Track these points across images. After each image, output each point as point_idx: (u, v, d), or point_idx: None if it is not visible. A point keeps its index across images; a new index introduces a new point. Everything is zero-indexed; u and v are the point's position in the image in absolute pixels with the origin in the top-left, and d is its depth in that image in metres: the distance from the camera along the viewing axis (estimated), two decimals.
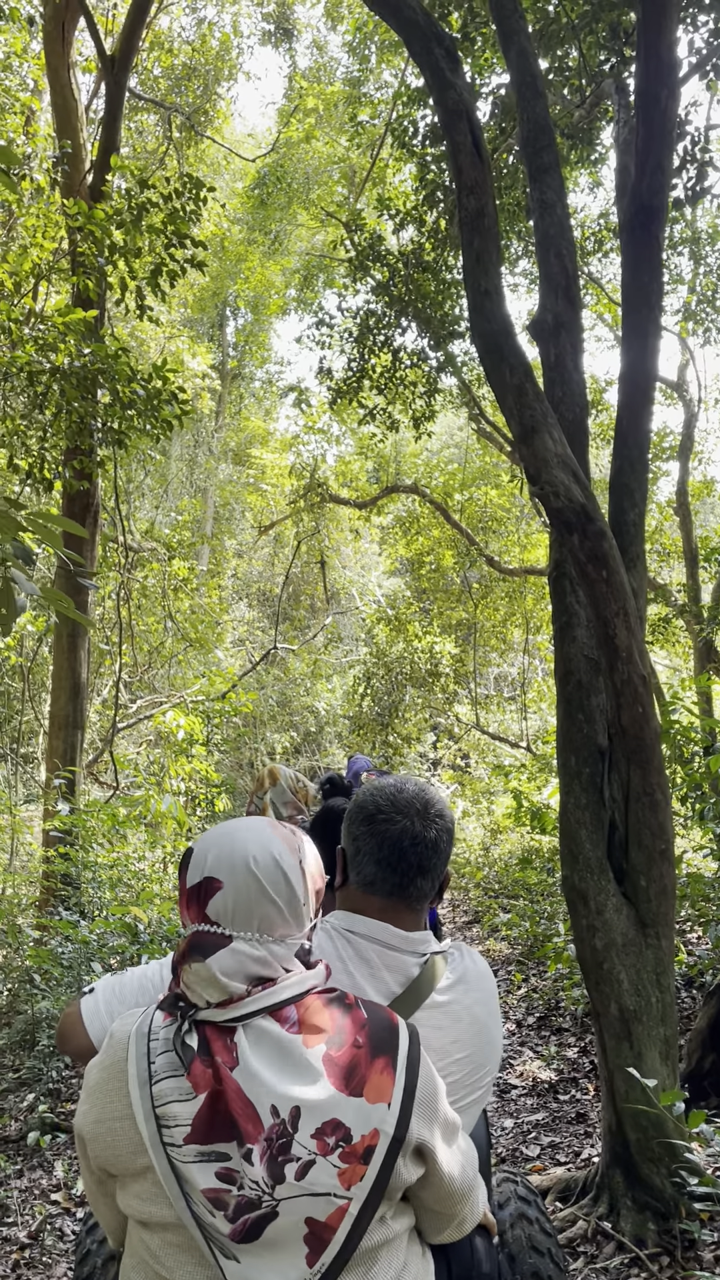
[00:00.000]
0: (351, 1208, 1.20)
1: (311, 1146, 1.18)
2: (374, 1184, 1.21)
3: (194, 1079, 1.20)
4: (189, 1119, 1.19)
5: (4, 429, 6.82)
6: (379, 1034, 1.28)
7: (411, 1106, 1.26)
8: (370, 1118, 1.22)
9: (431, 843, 1.57)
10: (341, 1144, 1.20)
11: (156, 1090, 1.22)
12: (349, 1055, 1.24)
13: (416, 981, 1.50)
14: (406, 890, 1.56)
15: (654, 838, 3.42)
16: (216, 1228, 1.18)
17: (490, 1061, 1.56)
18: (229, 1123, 1.18)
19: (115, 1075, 1.27)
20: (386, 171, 13.51)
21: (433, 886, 1.60)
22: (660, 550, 15.14)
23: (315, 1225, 1.18)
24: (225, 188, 19.93)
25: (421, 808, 1.59)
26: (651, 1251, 3.09)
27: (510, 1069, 5.28)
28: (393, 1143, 1.23)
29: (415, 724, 18.61)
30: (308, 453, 17.43)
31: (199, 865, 1.29)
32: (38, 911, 7.34)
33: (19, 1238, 3.83)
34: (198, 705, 13.01)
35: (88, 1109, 1.30)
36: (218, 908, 1.27)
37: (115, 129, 8.57)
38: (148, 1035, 1.27)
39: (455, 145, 3.97)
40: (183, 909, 1.30)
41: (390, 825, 1.56)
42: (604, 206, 15.47)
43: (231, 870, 1.29)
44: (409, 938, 1.54)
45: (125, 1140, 1.25)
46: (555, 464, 3.35)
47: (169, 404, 6.51)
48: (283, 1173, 1.17)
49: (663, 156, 3.98)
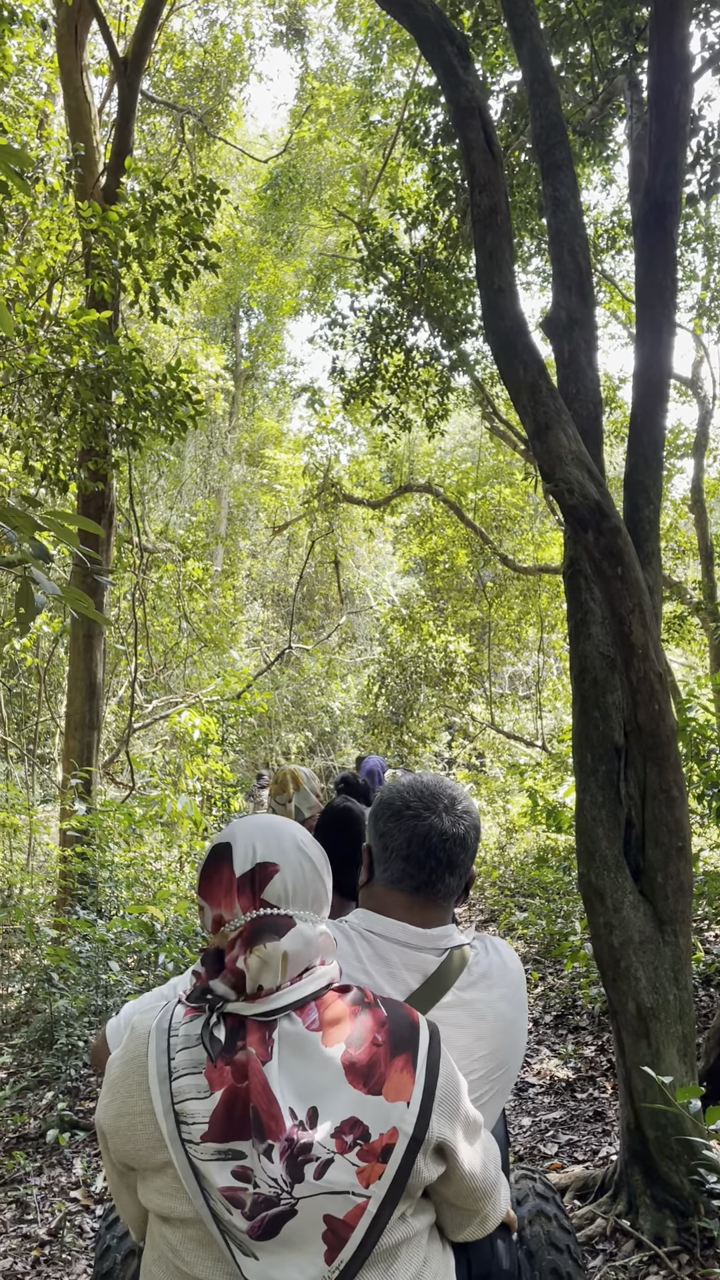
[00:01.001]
0: (370, 1206, 1.20)
1: (330, 1145, 1.19)
2: (393, 1182, 1.21)
3: (210, 1077, 1.21)
4: (206, 1117, 1.20)
5: (19, 431, 6.85)
6: (399, 1032, 1.28)
7: (431, 1105, 1.26)
8: (389, 1116, 1.22)
9: (460, 839, 1.56)
10: (359, 1142, 1.20)
11: (175, 1087, 1.22)
12: (368, 1054, 1.24)
13: (433, 976, 1.49)
14: (434, 887, 1.55)
15: (671, 835, 3.41)
16: (234, 1225, 1.18)
17: (514, 1058, 1.54)
18: (246, 1121, 1.18)
19: (135, 1070, 1.28)
20: (399, 171, 13.51)
21: (460, 884, 1.59)
22: (675, 548, 15.08)
23: (333, 1223, 1.18)
24: (238, 189, 19.98)
25: (449, 803, 1.58)
26: (670, 1249, 3.09)
27: (528, 1067, 5.27)
28: (411, 1142, 1.23)
29: (430, 723, 18.60)
30: (321, 453, 17.46)
31: (246, 855, 1.30)
32: (55, 911, 7.38)
33: (39, 1235, 3.85)
34: (213, 705, 13.04)
35: (108, 1103, 1.31)
36: (277, 890, 1.29)
37: (128, 131, 8.60)
38: (168, 1031, 1.28)
39: (468, 143, 3.97)
40: (222, 901, 1.30)
41: (419, 821, 1.55)
42: (617, 203, 15.42)
43: (283, 853, 1.32)
44: (428, 934, 1.53)
45: (145, 1135, 1.25)
46: (569, 461, 3.34)
47: (183, 405, 6.52)
48: (302, 1172, 1.17)
49: (676, 152, 3.96)
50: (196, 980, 1.30)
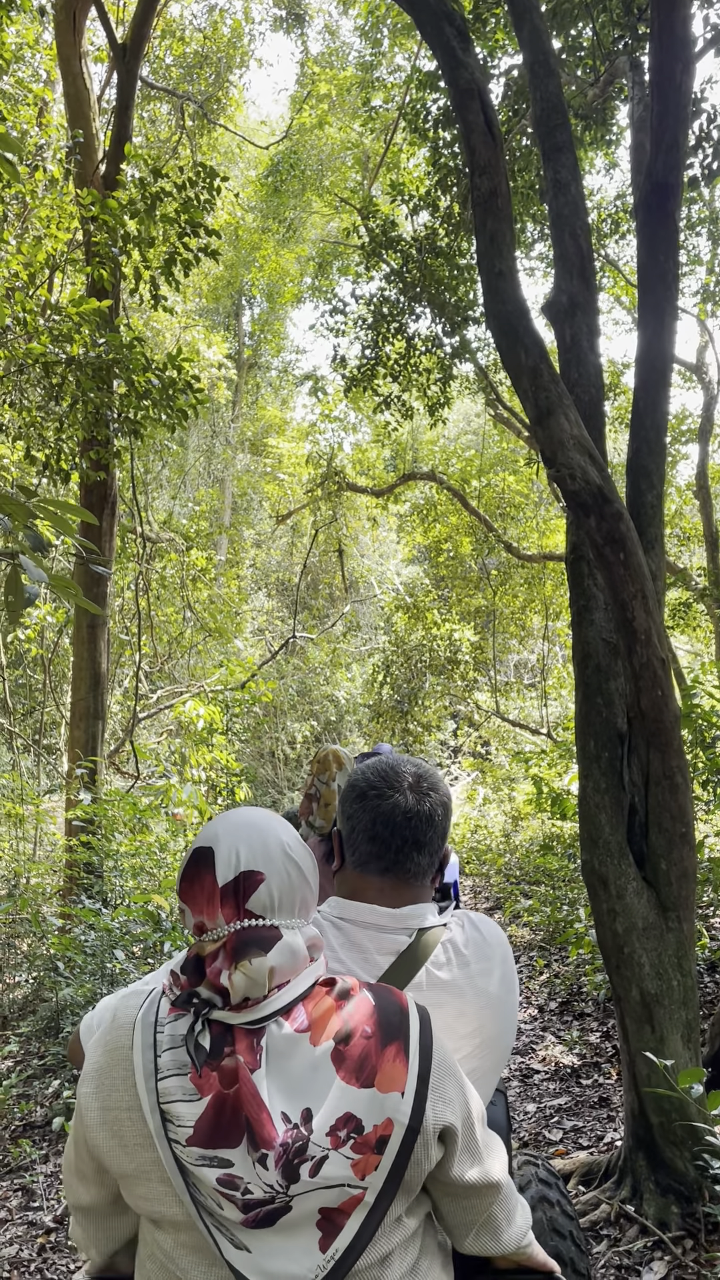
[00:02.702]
0: (367, 1196, 1.18)
1: (325, 1143, 1.16)
2: (390, 1173, 1.19)
3: (199, 1083, 1.18)
4: (192, 1121, 1.17)
5: (21, 421, 6.84)
6: (388, 1020, 1.25)
7: (427, 1092, 1.23)
8: (383, 1107, 1.19)
9: (425, 815, 1.54)
10: (353, 1135, 1.17)
11: (162, 1087, 1.19)
12: (358, 1047, 1.21)
13: (404, 955, 1.46)
14: (403, 866, 1.53)
15: (674, 821, 3.40)
16: (226, 1217, 1.16)
17: (500, 1035, 1.50)
18: (234, 1129, 1.16)
19: (120, 1062, 1.25)
20: (400, 156, 13.43)
21: (431, 863, 1.57)
22: (680, 534, 15.04)
23: (327, 1212, 1.17)
24: (239, 175, 19.89)
25: (413, 781, 1.57)
26: (675, 1235, 3.09)
27: (532, 1054, 5.28)
28: (408, 1132, 1.20)
29: (435, 712, 18.59)
30: (324, 441, 17.41)
31: (230, 861, 1.24)
32: (61, 900, 7.40)
33: (45, 1222, 3.87)
34: (217, 695, 13.05)
35: (92, 1092, 1.27)
36: (262, 901, 1.24)
37: (128, 118, 8.56)
38: (154, 1026, 1.24)
39: (468, 125, 3.94)
40: (204, 909, 1.24)
41: (382, 800, 1.54)
42: (620, 188, 15.33)
43: (269, 860, 1.26)
44: (398, 914, 1.50)
45: (132, 1132, 1.22)
46: (571, 446, 3.32)
47: (184, 393, 6.50)
48: (297, 1173, 1.15)
49: (678, 133, 3.93)
50: (174, 982, 1.25)
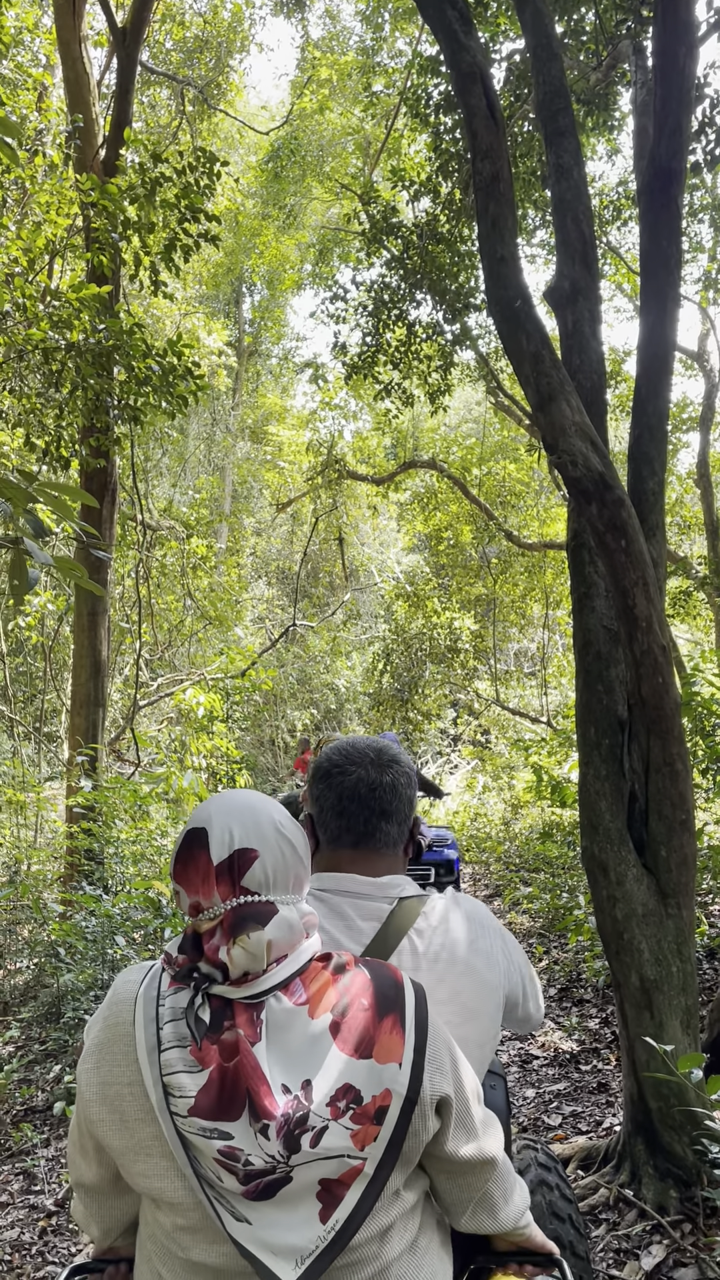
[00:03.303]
0: (366, 1167, 1.19)
1: (325, 1114, 1.17)
2: (389, 1144, 1.20)
3: (199, 1056, 1.19)
4: (194, 1092, 1.17)
5: (20, 407, 6.82)
6: (384, 993, 1.27)
7: (423, 1063, 1.25)
8: (381, 1078, 1.21)
9: (389, 786, 1.60)
10: (352, 1106, 1.18)
11: (164, 1059, 1.20)
12: (355, 1020, 1.23)
13: (388, 922, 1.49)
14: (374, 836, 1.58)
15: (674, 808, 3.40)
16: (227, 1188, 1.17)
17: (483, 1005, 1.51)
18: (234, 1102, 1.17)
19: (121, 1038, 1.25)
20: (401, 142, 13.36)
21: (401, 832, 1.62)
22: (681, 523, 15.02)
23: (327, 1183, 1.18)
24: (239, 161, 19.79)
25: (375, 756, 1.63)
26: (673, 1219, 3.10)
27: (532, 1040, 5.30)
28: (406, 1103, 1.22)
29: (435, 700, 18.61)
30: (325, 429, 17.38)
31: (223, 840, 1.25)
32: (62, 887, 7.42)
33: (46, 1206, 3.89)
34: (218, 683, 13.06)
35: (92, 1068, 1.28)
36: (257, 877, 1.25)
37: (127, 103, 8.51)
38: (156, 1000, 1.25)
39: (470, 109, 3.91)
40: (199, 888, 1.25)
41: (346, 777, 1.60)
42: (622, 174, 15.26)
43: (263, 838, 1.27)
44: (378, 882, 1.54)
45: (133, 1107, 1.23)
46: (573, 432, 3.31)
47: (184, 380, 6.49)
48: (298, 1143, 1.16)
49: (681, 118, 3.90)
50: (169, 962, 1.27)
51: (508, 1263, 1.54)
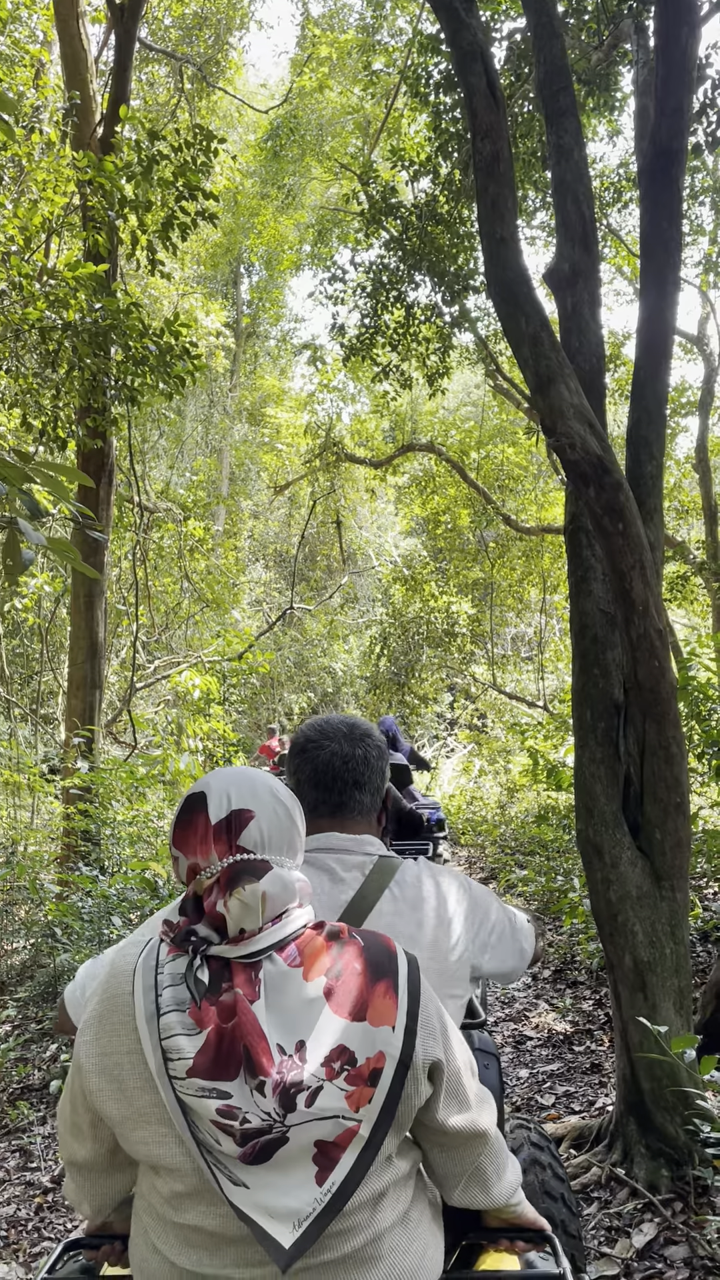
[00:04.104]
0: (361, 1130, 1.21)
1: (320, 1074, 1.20)
2: (383, 1107, 1.22)
3: (198, 1016, 1.21)
4: (192, 1054, 1.19)
5: (17, 388, 6.79)
6: (377, 960, 1.30)
7: (416, 1028, 1.28)
8: (375, 1041, 1.24)
9: (361, 758, 1.71)
10: (347, 1067, 1.21)
11: (162, 1023, 1.22)
12: (350, 983, 1.26)
13: (373, 872, 1.61)
14: (348, 805, 1.70)
15: (669, 791, 3.41)
16: (224, 1152, 1.18)
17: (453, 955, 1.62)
18: (232, 1061, 1.19)
19: (120, 1008, 1.27)
20: (401, 122, 13.26)
21: (374, 800, 1.73)
22: (679, 507, 15.00)
23: (323, 1145, 1.19)
24: (238, 140, 19.65)
25: (347, 731, 1.74)
26: (664, 1197, 3.13)
27: (526, 1021, 5.33)
28: (399, 1065, 1.24)
29: (432, 684, 18.64)
30: (323, 411, 17.31)
31: (221, 803, 1.30)
32: (58, 867, 7.44)
33: (42, 1182, 3.92)
34: (214, 665, 13.06)
35: (90, 1040, 1.30)
36: (253, 836, 1.29)
37: (125, 80, 8.44)
38: (154, 969, 1.27)
39: (470, 88, 3.88)
40: (198, 850, 1.29)
41: (320, 751, 1.71)
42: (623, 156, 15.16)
43: (258, 800, 1.32)
44: (357, 839, 1.66)
45: (133, 1075, 1.25)
46: (571, 415, 3.30)
47: (182, 360, 6.45)
48: (294, 1102, 1.18)
49: (683, 98, 3.87)
50: (169, 928, 1.30)
51: (499, 1239, 1.56)
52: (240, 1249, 1.23)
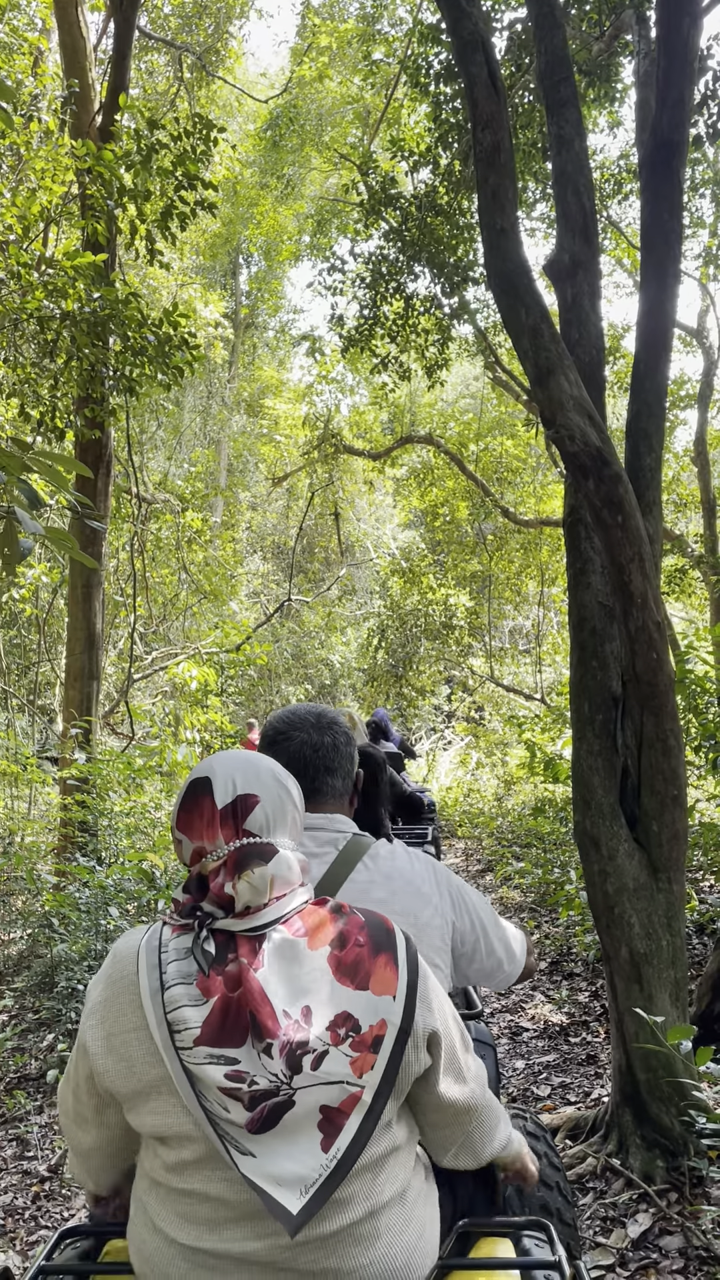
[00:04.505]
0: (364, 1096, 1.25)
1: (325, 1038, 1.24)
2: (384, 1073, 1.27)
3: (204, 985, 1.25)
4: (199, 1023, 1.23)
5: (15, 377, 6.77)
6: (377, 934, 1.35)
7: (415, 999, 1.32)
8: (377, 1009, 1.28)
9: (330, 746, 1.79)
10: (351, 1034, 1.25)
11: (168, 996, 1.26)
12: (352, 954, 1.31)
13: (346, 848, 1.71)
14: (321, 790, 1.78)
15: (666, 783, 3.42)
16: (232, 1120, 1.20)
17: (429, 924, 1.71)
18: (239, 1028, 1.22)
19: (125, 990, 1.30)
20: (401, 112, 13.21)
21: (345, 783, 1.82)
22: (677, 500, 14.99)
23: (328, 1111, 1.23)
24: (237, 130, 19.57)
25: (315, 720, 1.81)
26: (660, 1188, 3.14)
27: (521, 1012, 5.35)
28: (400, 1033, 1.29)
29: (429, 676, 18.63)
30: (322, 403, 17.27)
31: (227, 788, 1.35)
32: (56, 858, 7.44)
33: (39, 1171, 3.93)
34: (212, 657, 13.06)
35: (96, 1024, 1.32)
36: (259, 820, 1.35)
37: (124, 68, 8.39)
38: (158, 948, 1.31)
39: (471, 78, 3.87)
40: (204, 833, 1.33)
41: (290, 741, 1.77)
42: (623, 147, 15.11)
43: (262, 785, 1.38)
44: (329, 818, 1.76)
45: (140, 1051, 1.27)
46: (571, 407, 3.30)
47: (180, 350, 6.43)
48: (300, 1064, 1.22)
49: (684, 89, 3.86)
50: (175, 906, 1.34)
51: (495, 1229, 1.57)
52: (238, 1227, 1.25)
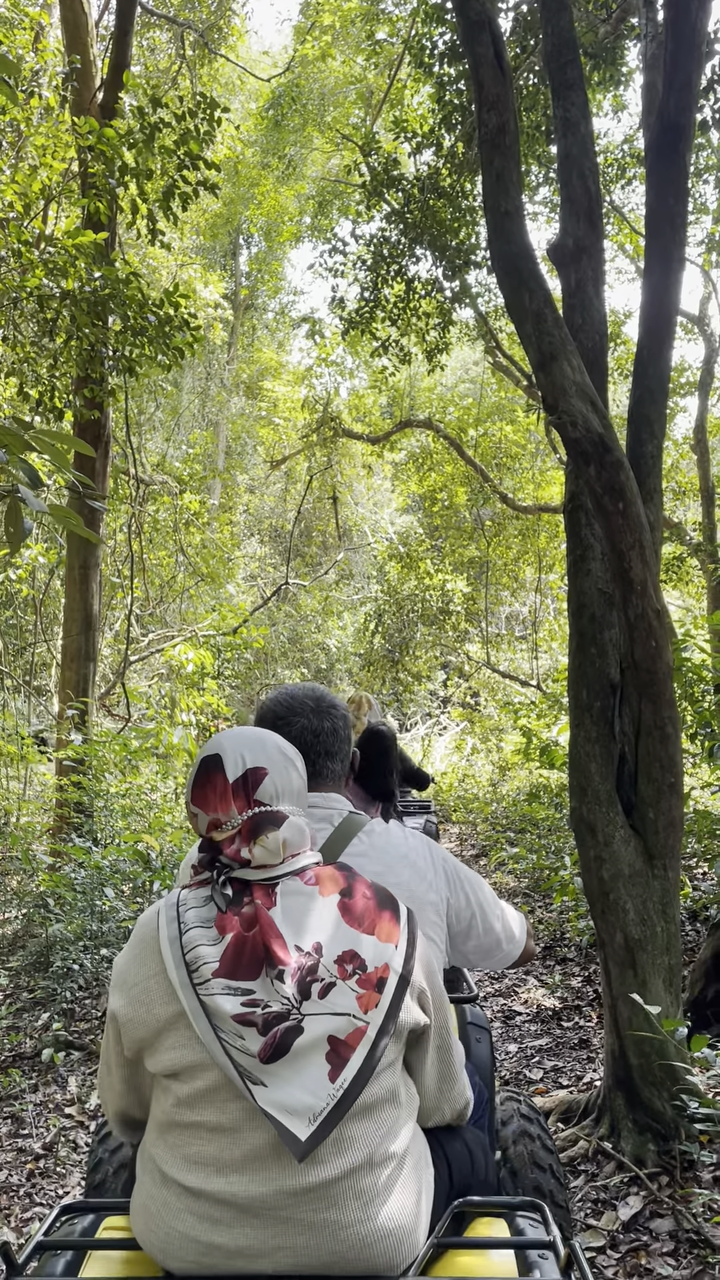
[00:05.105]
0: (369, 1031, 1.32)
1: (333, 971, 1.33)
2: (387, 1014, 1.34)
3: (221, 923, 1.35)
4: (216, 958, 1.32)
5: (14, 356, 6.73)
6: (382, 894, 1.46)
7: (414, 954, 1.42)
8: (382, 953, 1.37)
9: (330, 730, 1.84)
10: (358, 971, 1.34)
11: (186, 939, 1.35)
12: (360, 903, 1.42)
13: (341, 825, 1.76)
14: (320, 773, 1.82)
15: (663, 771, 3.43)
16: (246, 1049, 1.28)
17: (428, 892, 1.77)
18: (255, 965, 1.31)
19: (146, 944, 1.40)
20: (404, 93, 13.11)
21: (343, 765, 1.87)
22: (676, 489, 14.96)
23: (335, 1043, 1.30)
24: (239, 109, 19.41)
25: (314, 705, 1.85)
26: (651, 1171, 3.17)
27: (515, 996, 5.38)
28: (400, 979, 1.37)
29: (426, 662, 18.64)
30: (321, 386, 17.20)
31: (237, 762, 1.45)
32: (51, 838, 7.45)
33: (34, 1149, 3.95)
34: (209, 639, 13.04)
35: (119, 985, 1.41)
36: (269, 791, 1.45)
37: (126, 45, 8.32)
38: (176, 903, 1.41)
39: (476, 58, 3.84)
40: (218, 806, 1.42)
41: (290, 727, 1.80)
42: (627, 132, 15.02)
43: (269, 758, 1.48)
44: (325, 796, 1.81)
45: (158, 992, 1.36)
46: (573, 392, 3.29)
47: (180, 331, 6.40)
48: (309, 990, 1.31)
49: (691, 71, 3.84)
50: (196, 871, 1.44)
51: (489, 1209, 1.58)
52: (244, 1172, 1.29)
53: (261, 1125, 1.28)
